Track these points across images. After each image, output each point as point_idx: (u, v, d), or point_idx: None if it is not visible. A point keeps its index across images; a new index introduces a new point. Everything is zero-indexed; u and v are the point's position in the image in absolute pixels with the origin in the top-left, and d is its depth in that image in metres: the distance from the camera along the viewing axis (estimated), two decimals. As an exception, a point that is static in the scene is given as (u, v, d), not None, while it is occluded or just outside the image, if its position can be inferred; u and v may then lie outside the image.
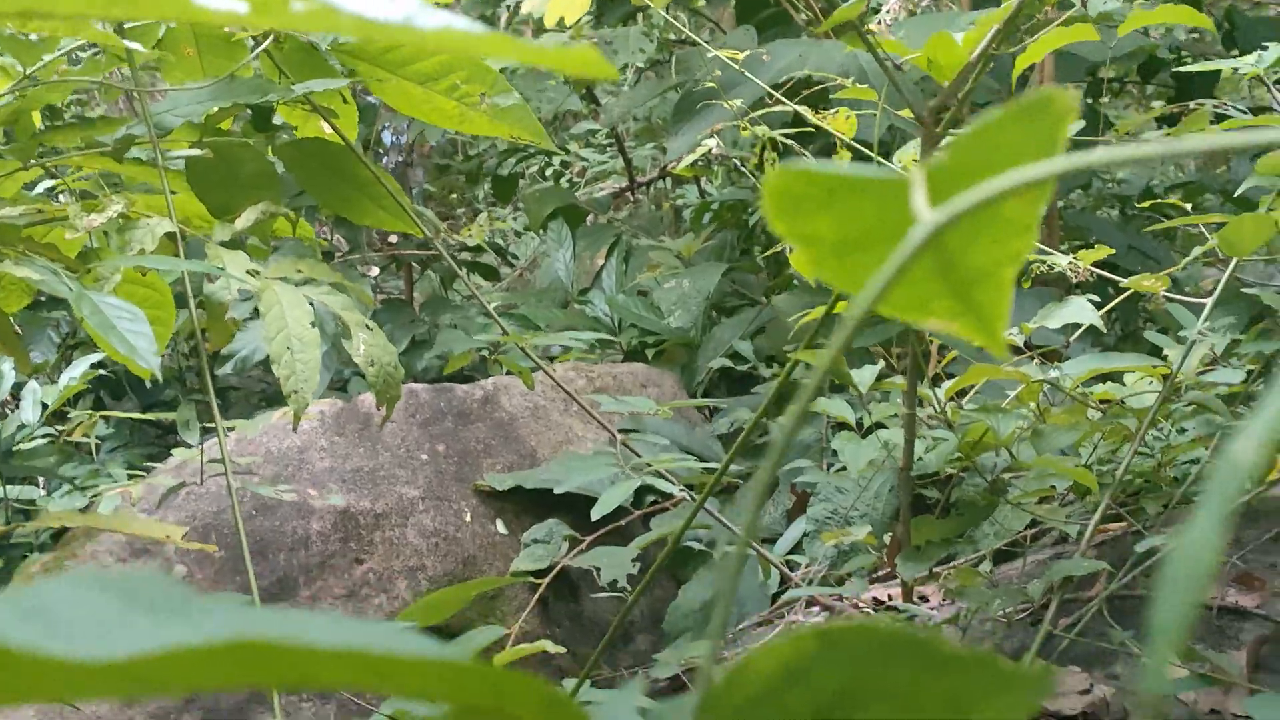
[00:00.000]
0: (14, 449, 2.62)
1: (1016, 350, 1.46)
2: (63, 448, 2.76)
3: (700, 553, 2.53)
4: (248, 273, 1.54)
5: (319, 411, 2.86)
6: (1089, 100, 3.52)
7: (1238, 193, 1.58)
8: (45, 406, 2.68)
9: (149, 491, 2.62)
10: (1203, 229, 1.84)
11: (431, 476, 2.80)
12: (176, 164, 1.70)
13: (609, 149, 6.28)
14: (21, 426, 2.65)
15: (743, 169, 5.01)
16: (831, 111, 1.58)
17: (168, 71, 1.73)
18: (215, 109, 1.58)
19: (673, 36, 3.45)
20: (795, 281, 3.02)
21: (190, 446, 3.24)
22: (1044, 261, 1.46)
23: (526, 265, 4.90)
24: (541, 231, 3.70)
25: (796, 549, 2.12)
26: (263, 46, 1.66)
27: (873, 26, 2.59)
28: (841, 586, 1.73)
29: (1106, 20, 3.14)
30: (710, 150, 3.39)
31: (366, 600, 2.63)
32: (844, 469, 2.21)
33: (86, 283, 1.44)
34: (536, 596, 2.51)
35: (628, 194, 5.74)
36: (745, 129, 1.87)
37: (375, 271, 3.77)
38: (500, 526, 2.77)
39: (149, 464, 3.55)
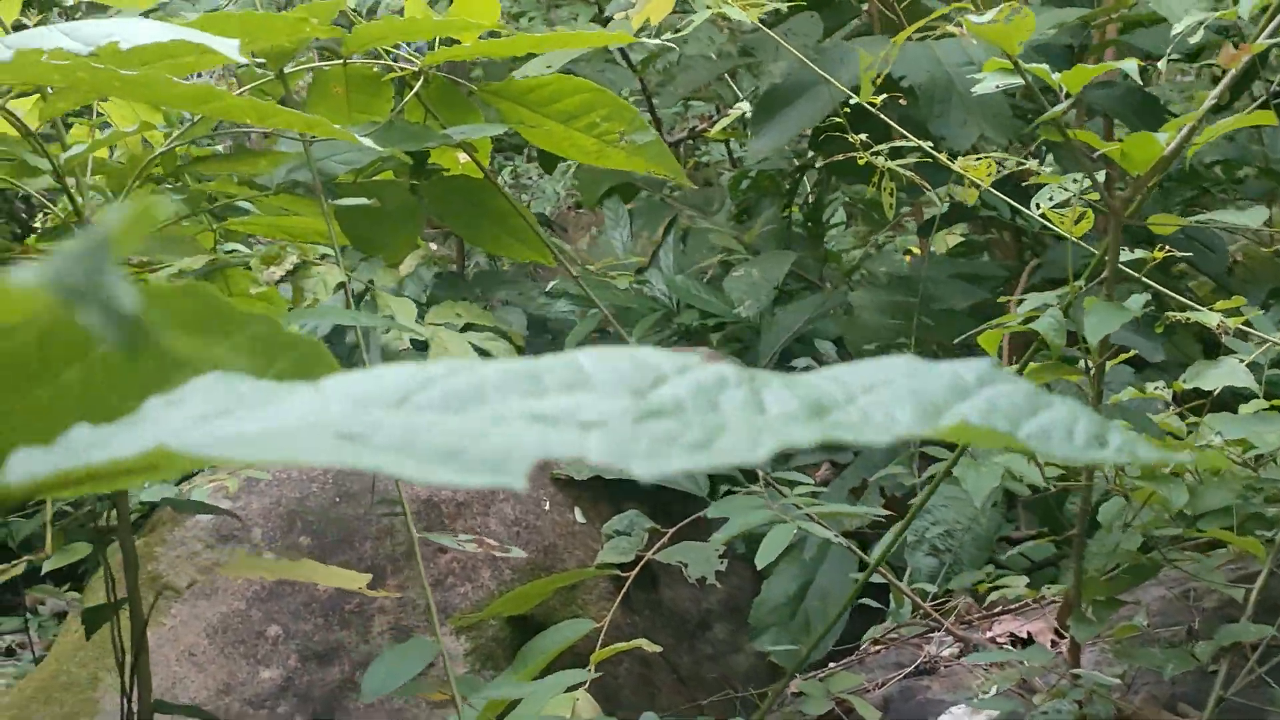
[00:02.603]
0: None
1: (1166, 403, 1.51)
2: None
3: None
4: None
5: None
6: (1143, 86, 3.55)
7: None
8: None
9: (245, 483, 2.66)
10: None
11: (509, 464, 2.84)
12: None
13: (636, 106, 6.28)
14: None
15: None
16: (973, 159, 1.62)
17: (313, 109, 1.76)
18: (377, 158, 1.61)
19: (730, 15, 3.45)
20: (867, 275, 3.08)
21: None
22: (1188, 318, 1.51)
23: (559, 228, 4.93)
24: (597, 208, 3.74)
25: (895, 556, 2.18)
26: (415, 90, 1.69)
27: (952, 28, 2.61)
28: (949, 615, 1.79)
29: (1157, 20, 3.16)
30: (744, 114, 3.42)
31: (452, 589, 2.69)
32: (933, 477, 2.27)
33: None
34: (623, 591, 2.57)
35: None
36: (860, 150, 1.90)
37: (434, 247, 3.80)
38: (578, 515, 2.83)
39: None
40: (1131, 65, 1.32)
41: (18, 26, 1.60)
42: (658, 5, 2.59)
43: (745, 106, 3.16)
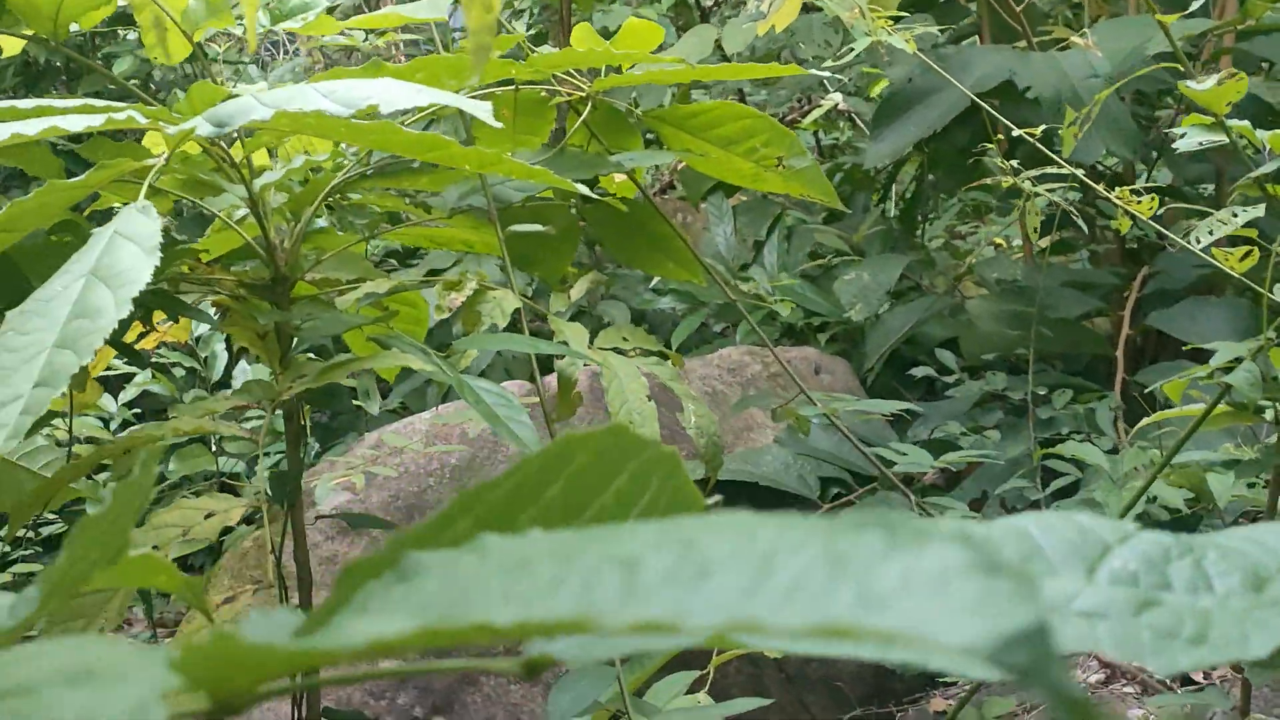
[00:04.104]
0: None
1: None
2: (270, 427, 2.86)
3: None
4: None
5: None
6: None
7: None
8: (256, 388, 2.77)
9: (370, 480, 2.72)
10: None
11: (621, 462, 2.88)
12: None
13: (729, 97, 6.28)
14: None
15: (863, 126, 5.02)
16: (1135, 194, 1.63)
17: (478, 131, 1.80)
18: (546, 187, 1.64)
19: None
20: (980, 283, 3.09)
21: (373, 416, 3.33)
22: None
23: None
24: (699, 204, 3.77)
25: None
26: (583, 118, 1.72)
27: (1076, 39, 2.62)
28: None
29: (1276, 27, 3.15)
30: (836, 105, 3.43)
31: (568, 586, 2.73)
32: (1057, 491, 2.29)
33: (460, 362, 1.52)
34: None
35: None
36: (1006, 175, 1.92)
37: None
38: (689, 514, 2.86)
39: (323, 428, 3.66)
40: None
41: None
42: (783, 13, 2.61)
43: (837, 98, 3.17)
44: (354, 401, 3.49)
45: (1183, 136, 1.28)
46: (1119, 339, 2.84)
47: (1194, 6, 1.83)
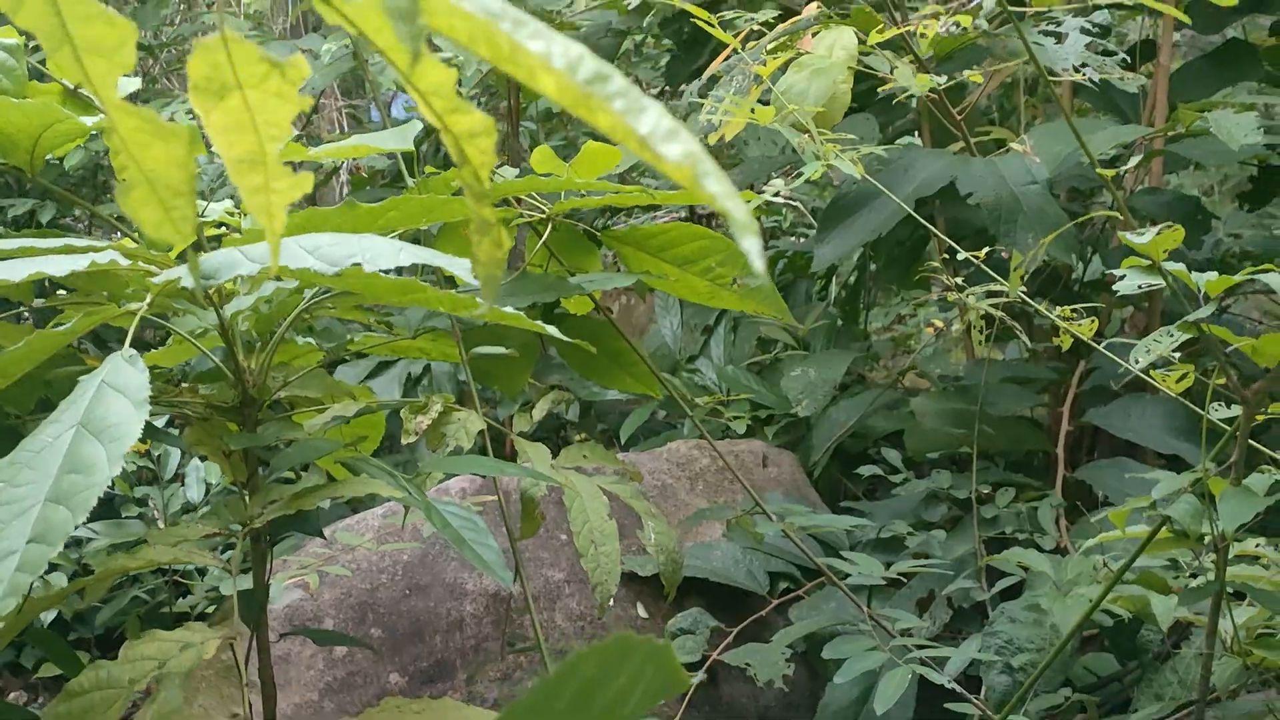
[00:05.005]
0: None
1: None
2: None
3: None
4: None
5: (460, 489, 2.97)
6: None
7: None
8: (209, 486, 2.78)
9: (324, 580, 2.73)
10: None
11: (572, 558, 2.92)
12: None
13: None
14: (187, 505, 2.76)
15: (804, 211, 5.11)
16: (1078, 316, 1.70)
17: (441, 249, 1.84)
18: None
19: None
20: (923, 375, 3.15)
21: (324, 509, 3.34)
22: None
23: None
24: (648, 295, 3.82)
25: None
26: (543, 240, 1.77)
27: (1015, 144, 2.70)
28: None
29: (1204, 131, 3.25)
30: (777, 192, 3.50)
31: (520, 684, 2.76)
32: (1003, 591, 2.34)
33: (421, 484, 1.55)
34: (688, 693, 2.64)
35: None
36: (950, 289, 1.98)
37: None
38: (641, 610, 2.90)
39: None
40: None
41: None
42: (733, 125, 2.69)
43: (779, 184, 3.25)
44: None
45: (1123, 279, 1.35)
46: (1059, 433, 2.91)
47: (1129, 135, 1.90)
